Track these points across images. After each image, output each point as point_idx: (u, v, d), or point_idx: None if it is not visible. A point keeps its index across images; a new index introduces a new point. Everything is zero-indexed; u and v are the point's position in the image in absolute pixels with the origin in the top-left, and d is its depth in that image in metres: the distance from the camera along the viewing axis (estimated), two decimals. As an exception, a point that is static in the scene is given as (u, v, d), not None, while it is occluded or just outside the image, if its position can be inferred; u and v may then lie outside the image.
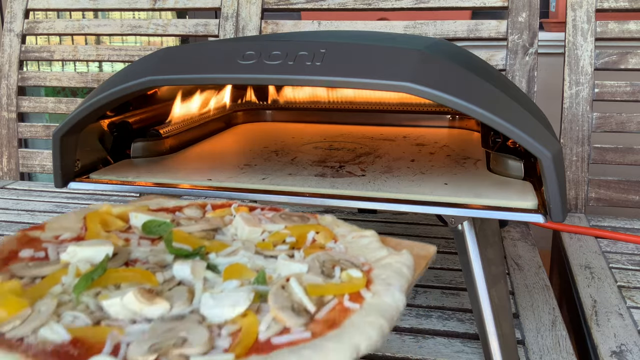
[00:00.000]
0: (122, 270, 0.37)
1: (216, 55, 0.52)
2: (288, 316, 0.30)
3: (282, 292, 0.31)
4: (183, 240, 0.40)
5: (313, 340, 0.28)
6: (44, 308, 0.31)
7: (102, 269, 0.35)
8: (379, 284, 0.33)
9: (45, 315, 0.30)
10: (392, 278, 0.33)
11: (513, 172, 0.56)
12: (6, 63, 1.27)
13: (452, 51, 0.55)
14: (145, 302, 0.31)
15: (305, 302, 0.31)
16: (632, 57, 0.99)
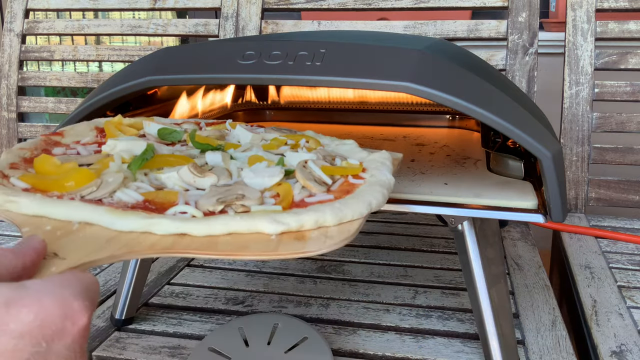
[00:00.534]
0: (166, 155, 0.43)
1: (216, 55, 0.52)
2: (313, 184, 0.38)
3: (304, 169, 0.40)
4: (202, 140, 0.46)
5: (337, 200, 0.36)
6: (111, 179, 0.37)
7: (152, 152, 0.42)
8: (371, 169, 0.42)
9: (116, 183, 0.37)
10: (380, 166, 0.43)
11: (513, 172, 0.56)
12: (6, 63, 1.27)
13: (452, 51, 0.55)
14: (198, 174, 0.38)
15: (323, 177, 0.40)
16: (632, 57, 0.99)
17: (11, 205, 0.35)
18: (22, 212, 0.34)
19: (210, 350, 0.59)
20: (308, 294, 0.72)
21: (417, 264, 0.80)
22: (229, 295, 0.72)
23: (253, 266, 0.80)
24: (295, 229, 0.33)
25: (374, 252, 0.85)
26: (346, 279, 0.76)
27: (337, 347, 0.60)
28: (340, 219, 0.34)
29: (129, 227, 0.33)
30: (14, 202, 0.34)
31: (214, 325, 0.65)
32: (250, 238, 0.33)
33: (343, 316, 0.67)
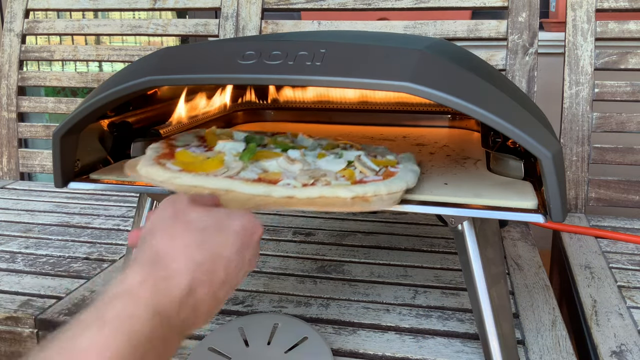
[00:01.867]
0: (265, 151, 0.57)
1: (216, 55, 0.52)
2: (368, 170, 0.53)
3: (360, 160, 0.54)
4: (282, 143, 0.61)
5: (385, 179, 0.50)
6: (234, 165, 0.53)
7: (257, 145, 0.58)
8: (403, 162, 0.56)
9: (238, 167, 0.52)
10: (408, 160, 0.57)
11: (513, 172, 0.56)
12: (6, 63, 1.27)
13: (452, 51, 0.55)
14: (290, 162, 0.54)
15: (373, 166, 0.54)
16: (632, 57, 0.99)
17: (176, 180, 0.50)
18: (185, 184, 0.49)
19: (210, 350, 0.59)
20: (308, 294, 0.72)
21: (417, 264, 0.80)
22: (229, 295, 0.72)
23: (253, 266, 0.80)
24: (362, 195, 0.47)
25: (374, 252, 0.85)
26: (346, 279, 0.76)
27: (337, 347, 0.60)
28: (389, 190, 0.49)
29: (258, 192, 0.48)
30: (178, 178, 0.50)
31: (214, 325, 0.65)
32: (333, 200, 0.48)
33: (343, 316, 0.67)
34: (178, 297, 0.34)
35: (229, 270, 0.38)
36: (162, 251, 0.36)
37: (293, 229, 0.95)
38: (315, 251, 0.85)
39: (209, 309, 0.37)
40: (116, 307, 0.32)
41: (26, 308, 0.68)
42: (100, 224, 0.98)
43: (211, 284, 0.37)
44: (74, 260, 0.83)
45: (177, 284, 0.35)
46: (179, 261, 0.36)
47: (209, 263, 0.37)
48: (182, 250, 0.36)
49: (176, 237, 0.37)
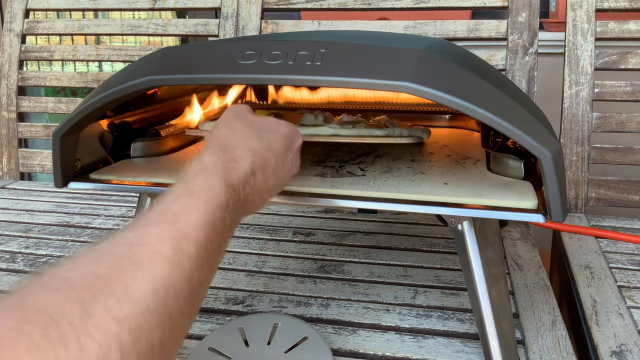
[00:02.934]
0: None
1: (216, 55, 0.52)
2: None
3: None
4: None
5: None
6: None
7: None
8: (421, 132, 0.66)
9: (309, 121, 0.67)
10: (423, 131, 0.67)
11: (513, 172, 0.56)
12: (6, 63, 1.27)
13: (452, 51, 0.55)
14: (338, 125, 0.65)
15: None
16: (632, 57, 0.99)
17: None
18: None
19: (210, 350, 0.59)
20: (308, 294, 0.72)
21: (417, 264, 0.80)
22: (229, 295, 0.72)
23: (253, 266, 0.80)
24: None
25: (374, 252, 0.85)
26: (346, 279, 0.76)
27: (337, 347, 0.60)
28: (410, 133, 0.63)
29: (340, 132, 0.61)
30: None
31: (214, 325, 0.65)
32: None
33: (343, 316, 0.67)
34: (243, 175, 0.42)
35: (277, 163, 0.46)
36: (227, 141, 0.44)
37: (293, 229, 0.95)
38: (315, 251, 0.85)
39: (262, 193, 0.44)
40: (199, 181, 0.38)
41: (26, 308, 0.68)
42: (100, 224, 0.98)
43: (265, 170, 0.44)
44: (74, 260, 0.83)
45: (241, 165, 0.42)
46: (241, 148, 0.43)
47: (264, 152, 0.45)
48: (243, 140, 0.45)
49: (237, 131, 0.46)
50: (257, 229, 0.95)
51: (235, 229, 0.41)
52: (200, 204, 0.36)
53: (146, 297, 0.30)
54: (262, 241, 0.90)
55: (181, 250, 0.33)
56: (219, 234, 0.37)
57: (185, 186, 0.38)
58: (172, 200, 0.37)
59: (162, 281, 0.31)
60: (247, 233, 0.93)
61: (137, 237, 0.33)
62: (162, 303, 0.30)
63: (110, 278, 0.29)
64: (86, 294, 0.28)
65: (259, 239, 0.91)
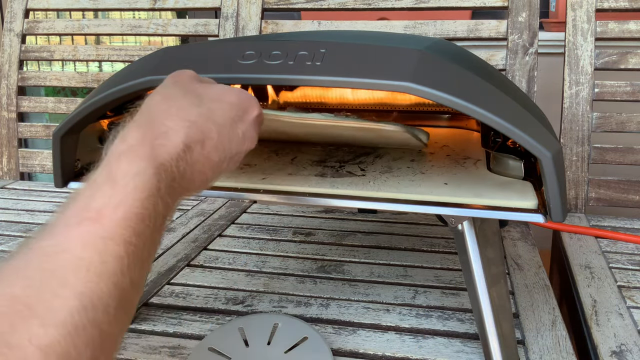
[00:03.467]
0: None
1: (216, 55, 0.52)
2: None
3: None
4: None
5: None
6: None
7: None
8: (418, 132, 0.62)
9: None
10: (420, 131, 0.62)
11: (513, 172, 0.56)
12: (6, 63, 1.27)
13: (452, 51, 0.55)
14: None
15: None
16: (632, 57, 0.99)
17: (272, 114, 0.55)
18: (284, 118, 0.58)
19: (210, 350, 0.59)
20: (308, 294, 0.72)
21: (417, 264, 0.80)
22: (229, 295, 0.72)
23: (253, 266, 0.80)
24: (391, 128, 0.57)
25: (374, 252, 0.85)
26: (346, 279, 0.76)
27: (337, 347, 0.60)
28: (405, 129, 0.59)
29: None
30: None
31: (214, 325, 0.65)
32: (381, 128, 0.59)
33: (343, 316, 0.67)
34: (174, 151, 0.37)
35: (222, 136, 0.40)
36: (157, 111, 0.39)
37: (293, 229, 0.95)
38: (315, 251, 0.85)
39: (203, 170, 0.39)
40: (122, 166, 0.34)
41: (26, 308, 0.68)
42: (100, 224, 0.97)
43: (204, 144, 0.39)
44: (74, 260, 0.83)
45: (173, 139, 0.37)
46: (173, 119, 0.38)
47: (202, 122, 0.39)
48: (176, 109, 0.39)
49: (172, 99, 0.40)
50: (257, 229, 0.95)
51: (174, 212, 0.38)
52: (126, 195, 0.32)
53: (73, 317, 0.27)
54: (262, 241, 0.90)
55: (108, 253, 0.30)
56: (151, 225, 0.33)
57: (107, 173, 0.33)
58: (94, 191, 0.32)
59: (90, 294, 0.28)
60: (247, 233, 0.93)
61: (57, 244, 0.29)
62: (91, 319, 0.27)
63: (29, 298, 0.26)
64: (3, 322, 0.25)
65: (259, 239, 0.91)
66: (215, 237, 0.92)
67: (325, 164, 0.63)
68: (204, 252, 0.86)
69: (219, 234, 0.93)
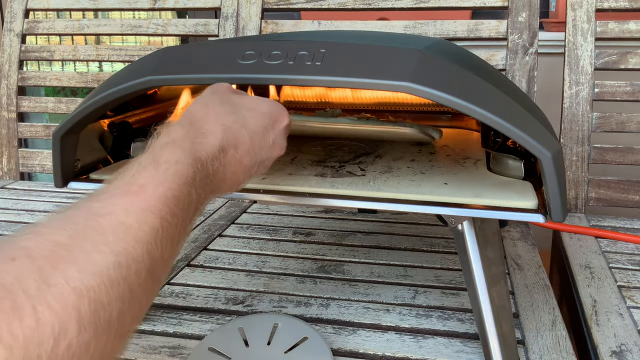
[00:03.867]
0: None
1: (216, 55, 0.52)
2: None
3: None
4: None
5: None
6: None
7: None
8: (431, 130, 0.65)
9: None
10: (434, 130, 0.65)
11: (513, 172, 0.56)
12: (6, 63, 1.27)
13: (452, 51, 0.55)
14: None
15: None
16: (632, 57, 0.99)
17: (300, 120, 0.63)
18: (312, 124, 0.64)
19: (210, 350, 0.59)
20: (308, 294, 0.72)
21: (417, 264, 0.80)
22: (229, 295, 0.72)
23: (253, 266, 0.80)
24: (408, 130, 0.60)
25: (374, 252, 0.85)
26: (346, 279, 0.76)
27: (337, 347, 0.60)
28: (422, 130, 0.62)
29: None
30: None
31: (214, 325, 0.65)
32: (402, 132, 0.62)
33: (343, 316, 0.67)
34: (211, 150, 0.41)
35: (253, 141, 0.44)
36: (198, 116, 0.43)
37: (293, 229, 0.95)
38: (315, 251, 0.85)
39: (235, 172, 0.43)
40: (165, 154, 0.37)
41: (26, 308, 0.68)
42: (100, 224, 0.97)
43: (237, 148, 0.43)
44: (74, 260, 0.83)
45: (210, 140, 0.41)
46: (211, 123, 0.42)
47: (236, 128, 0.43)
48: (214, 116, 0.43)
49: (210, 107, 0.44)
50: (257, 229, 0.95)
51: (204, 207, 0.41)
52: (167, 177, 0.36)
53: (109, 270, 0.29)
54: (262, 241, 0.90)
55: (146, 223, 0.33)
56: (184, 209, 0.36)
57: (152, 158, 0.37)
58: (138, 171, 0.36)
59: (125, 254, 0.30)
60: (247, 233, 0.93)
61: (103, 207, 0.32)
62: (124, 277, 0.30)
63: (72, 247, 0.29)
64: (45, 263, 0.27)
65: (259, 239, 0.91)
66: (215, 237, 0.92)
67: (325, 164, 0.63)
68: (204, 252, 0.86)
69: (219, 234, 0.93)
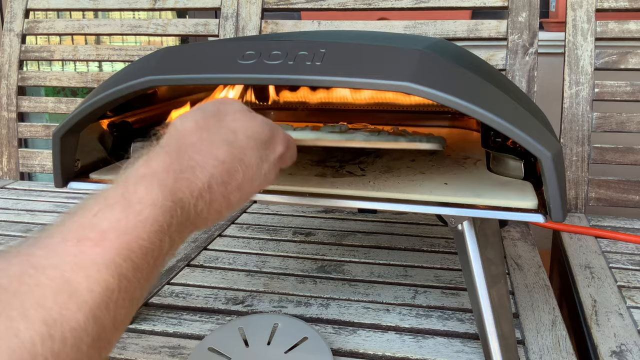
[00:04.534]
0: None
1: (216, 55, 0.52)
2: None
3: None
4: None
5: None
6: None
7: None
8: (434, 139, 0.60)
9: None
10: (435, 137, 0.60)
11: (513, 172, 0.56)
12: (6, 63, 1.27)
13: (452, 51, 0.55)
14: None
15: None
16: (632, 57, 0.99)
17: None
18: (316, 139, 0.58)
19: (210, 350, 0.59)
20: (308, 294, 0.72)
21: (417, 264, 0.80)
22: (229, 295, 0.72)
23: (253, 266, 0.80)
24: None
25: (374, 252, 0.85)
26: (346, 279, 0.76)
27: (337, 347, 0.60)
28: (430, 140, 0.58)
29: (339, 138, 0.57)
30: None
31: (214, 325, 0.65)
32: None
33: (343, 316, 0.67)
34: (197, 189, 0.34)
35: (246, 177, 0.38)
36: (188, 141, 0.36)
37: (293, 229, 0.95)
38: (315, 251, 0.85)
39: (220, 209, 0.37)
40: (140, 191, 0.31)
41: (26, 308, 0.68)
42: (100, 224, 0.97)
43: (227, 185, 0.37)
44: (74, 260, 0.83)
45: (198, 176, 0.35)
46: (203, 154, 0.36)
47: (231, 163, 0.37)
48: (208, 146, 0.37)
49: (205, 131, 0.38)
50: (257, 229, 0.95)
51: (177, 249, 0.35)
52: (137, 224, 0.29)
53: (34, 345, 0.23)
54: (262, 241, 0.90)
55: (99, 282, 0.27)
56: (152, 262, 0.30)
57: (122, 193, 0.31)
58: (102, 209, 0.30)
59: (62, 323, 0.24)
60: (247, 233, 0.93)
61: (47, 257, 0.27)
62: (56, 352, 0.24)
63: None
64: None
65: (259, 239, 0.91)
66: (215, 237, 0.92)
67: (325, 164, 0.63)
68: (204, 252, 0.86)
69: (219, 234, 0.93)
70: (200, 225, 0.36)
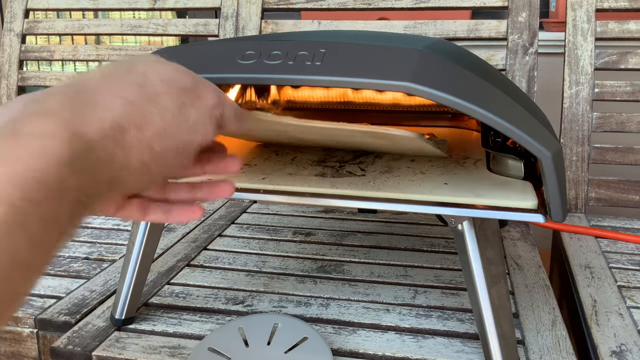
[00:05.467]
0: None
1: (216, 55, 0.52)
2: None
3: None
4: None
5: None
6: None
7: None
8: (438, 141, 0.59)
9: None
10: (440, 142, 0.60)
11: (513, 172, 0.56)
12: (6, 63, 1.27)
13: (452, 51, 0.55)
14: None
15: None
16: (632, 57, 0.99)
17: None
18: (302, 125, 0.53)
19: (210, 350, 0.59)
20: (308, 294, 0.72)
21: (417, 264, 0.80)
22: (229, 295, 0.72)
23: (253, 266, 0.80)
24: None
25: (374, 252, 0.85)
26: (346, 279, 0.76)
27: (337, 347, 0.60)
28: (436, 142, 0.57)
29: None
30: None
31: (214, 325, 0.65)
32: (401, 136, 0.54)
33: (343, 316, 0.67)
34: (101, 127, 0.31)
35: (166, 122, 0.34)
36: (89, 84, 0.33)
37: (293, 229, 0.95)
38: (315, 251, 0.85)
39: (143, 160, 0.33)
40: (33, 123, 0.28)
41: (26, 308, 0.68)
42: (100, 223, 0.98)
43: (142, 129, 0.33)
44: (74, 260, 0.83)
45: (99, 114, 0.31)
46: (107, 94, 0.32)
47: (142, 104, 0.33)
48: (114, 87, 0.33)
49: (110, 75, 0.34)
50: (257, 229, 0.95)
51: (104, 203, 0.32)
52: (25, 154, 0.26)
53: None
54: (262, 241, 0.90)
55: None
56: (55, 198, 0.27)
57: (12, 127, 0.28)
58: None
59: None
60: (247, 233, 0.93)
61: None
62: None
63: None
64: None
65: (259, 239, 0.91)
66: (215, 237, 0.92)
67: (325, 164, 0.63)
68: (204, 252, 0.86)
69: (219, 233, 0.93)
70: (124, 174, 0.33)
